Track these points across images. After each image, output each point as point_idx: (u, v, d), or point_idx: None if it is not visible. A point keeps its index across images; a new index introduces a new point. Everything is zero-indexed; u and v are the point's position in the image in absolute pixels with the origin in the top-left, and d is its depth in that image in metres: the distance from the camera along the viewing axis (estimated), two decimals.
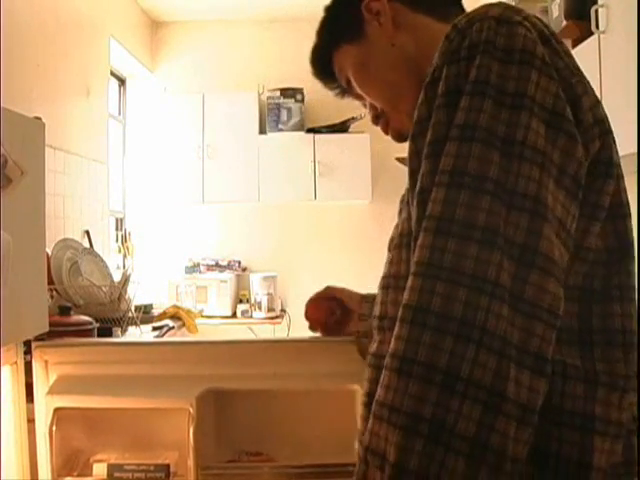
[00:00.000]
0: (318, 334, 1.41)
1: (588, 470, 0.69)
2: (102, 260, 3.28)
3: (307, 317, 1.37)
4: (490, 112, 0.66)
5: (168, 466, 1.43)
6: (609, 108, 2.32)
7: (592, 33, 2.22)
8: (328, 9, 0.98)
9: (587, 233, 0.72)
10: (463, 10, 0.90)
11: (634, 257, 0.77)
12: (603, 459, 0.70)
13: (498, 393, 0.59)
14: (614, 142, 0.79)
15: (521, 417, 0.60)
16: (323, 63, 1.00)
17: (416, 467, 0.59)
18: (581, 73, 0.75)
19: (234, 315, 4.70)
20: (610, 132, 0.78)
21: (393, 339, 0.65)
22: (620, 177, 0.78)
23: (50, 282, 2.69)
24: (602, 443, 0.70)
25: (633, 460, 0.74)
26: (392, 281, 0.82)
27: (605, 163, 0.75)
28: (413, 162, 0.75)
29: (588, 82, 0.76)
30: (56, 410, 1.38)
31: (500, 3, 0.74)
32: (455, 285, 0.62)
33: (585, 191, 0.70)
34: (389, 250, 0.87)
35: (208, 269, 4.84)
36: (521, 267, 0.63)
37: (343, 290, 1.36)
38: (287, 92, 4.72)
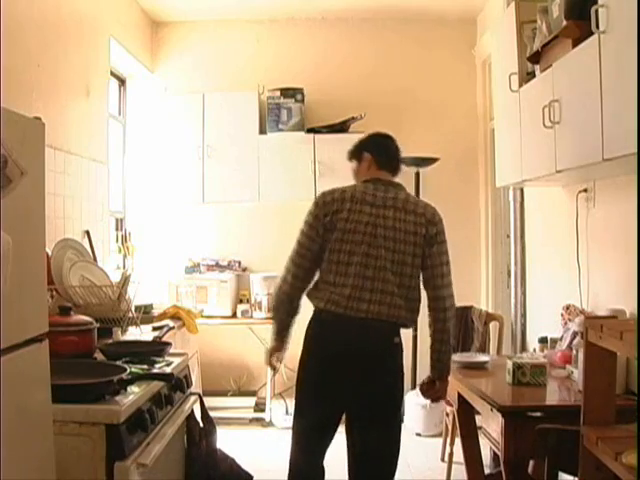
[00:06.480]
0: None
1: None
2: (101, 269, 3.28)
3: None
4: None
5: None
6: (609, 108, 2.32)
7: (592, 33, 2.22)
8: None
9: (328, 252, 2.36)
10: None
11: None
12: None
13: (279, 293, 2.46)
14: (343, 217, 2.35)
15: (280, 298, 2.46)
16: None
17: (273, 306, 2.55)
18: (341, 200, 2.39)
19: (234, 315, 4.70)
20: (341, 210, 2.36)
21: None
22: (343, 230, 2.36)
23: (50, 282, 2.69)
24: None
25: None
26: None
27: (329, 227, 2.35)
28: None
29: (344, 202, 2.38)
30: None
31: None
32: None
33: (326, 236, 2.35)
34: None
35: (208, 269, 4.84)
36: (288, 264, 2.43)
37: None
38: (287, 92, 4.71)
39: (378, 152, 2.56)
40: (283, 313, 2.45)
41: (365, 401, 2.31)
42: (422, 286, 2.41)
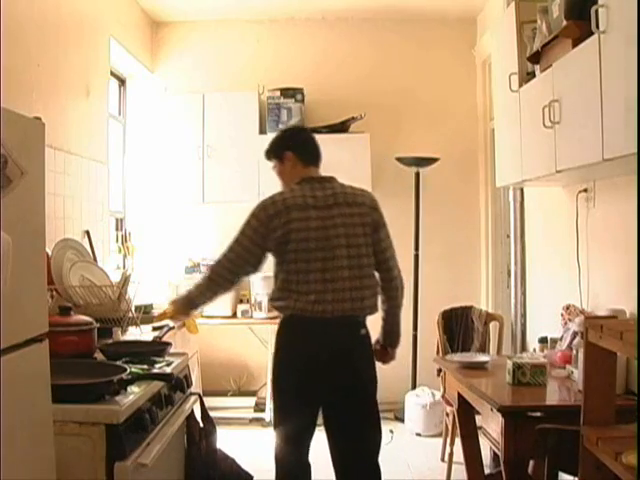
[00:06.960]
0: None
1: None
2: (101, 269, 3.27)
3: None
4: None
5: None
6: (609, 108, 2.32)
7: (592, 33, 2.22)
8: None
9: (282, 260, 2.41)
10: None
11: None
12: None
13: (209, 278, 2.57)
14: (294, 227, 2.36)
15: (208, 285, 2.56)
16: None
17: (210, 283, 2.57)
18: (285, 211, 2.38)
19: (234, 315, 4.69)
20: (290, 221, 2.36)
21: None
22: (295, 241, 2.36)
23: (50, 282, 2.69)
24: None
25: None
26: None
27: (283, 241, 2.37)
28: None
29: (289, 211, 2.38)
30: None
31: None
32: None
33: (279, 249, 2.39)
34: None
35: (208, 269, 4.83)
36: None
37: None
38: (287, 92, 4.71)
39: (300, 150, 2.56)
40: (215, 294, 2.57)
41: (343, 391, 2.40)
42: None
